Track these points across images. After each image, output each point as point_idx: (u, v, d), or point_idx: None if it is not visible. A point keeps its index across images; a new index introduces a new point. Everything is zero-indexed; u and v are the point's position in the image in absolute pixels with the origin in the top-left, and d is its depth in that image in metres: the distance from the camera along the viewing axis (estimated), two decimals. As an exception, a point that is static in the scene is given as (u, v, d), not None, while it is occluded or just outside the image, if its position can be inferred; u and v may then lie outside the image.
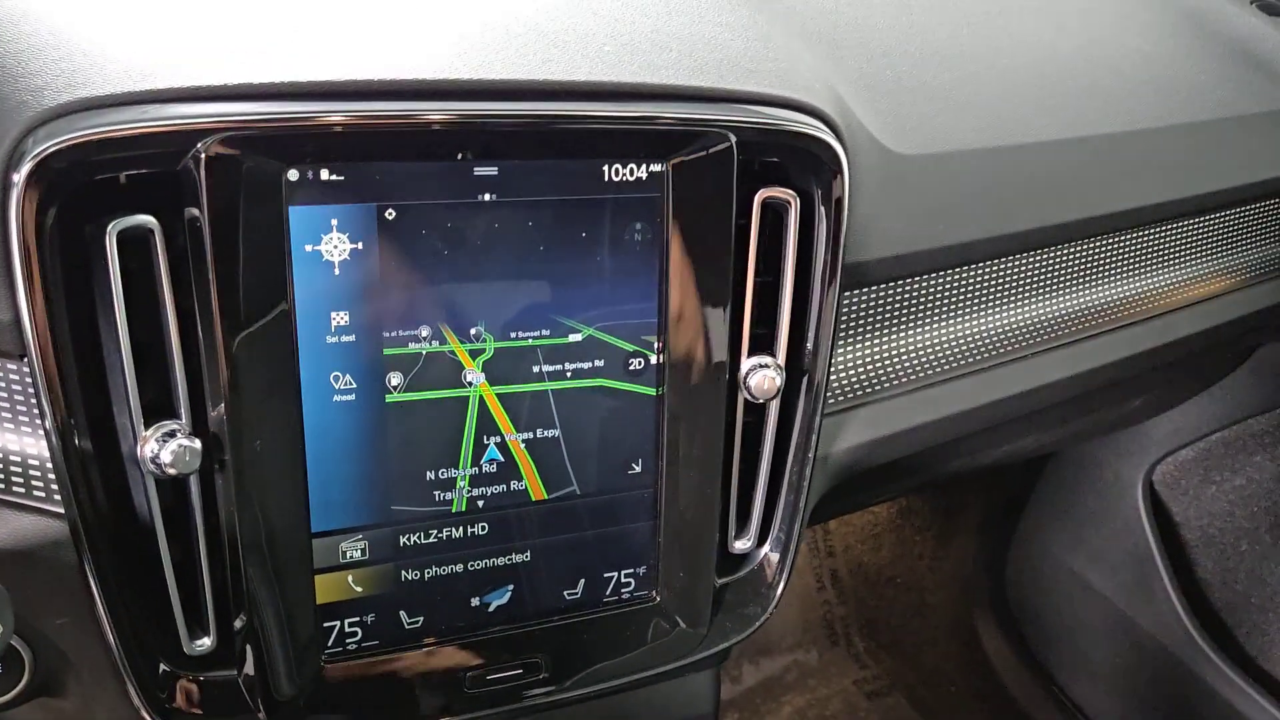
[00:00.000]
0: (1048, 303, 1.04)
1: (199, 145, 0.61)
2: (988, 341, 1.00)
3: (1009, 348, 1.01)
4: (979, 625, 1.95)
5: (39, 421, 0.65)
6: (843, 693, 1.93)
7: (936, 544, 1.99)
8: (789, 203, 0.79)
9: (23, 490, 0.67)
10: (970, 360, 0.99)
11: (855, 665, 1.99)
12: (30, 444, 0.66)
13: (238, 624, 0.72)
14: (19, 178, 0.60)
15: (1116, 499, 1.64)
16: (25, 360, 0.63)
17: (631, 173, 0.74)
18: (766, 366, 0.81)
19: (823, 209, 0.80)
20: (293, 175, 0.65)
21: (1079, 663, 1.77)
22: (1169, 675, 1.55)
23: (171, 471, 0.65)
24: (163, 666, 0.71)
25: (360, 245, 0.68)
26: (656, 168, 0.74)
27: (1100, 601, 1.67)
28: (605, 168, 0.73)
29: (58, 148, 0.60)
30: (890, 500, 1.95)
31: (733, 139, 0.74)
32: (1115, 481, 1.64)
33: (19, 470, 0.67)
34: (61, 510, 0.66)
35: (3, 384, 0.66)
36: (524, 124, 0.69)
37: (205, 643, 0.72)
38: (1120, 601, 1.63)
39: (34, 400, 0.65)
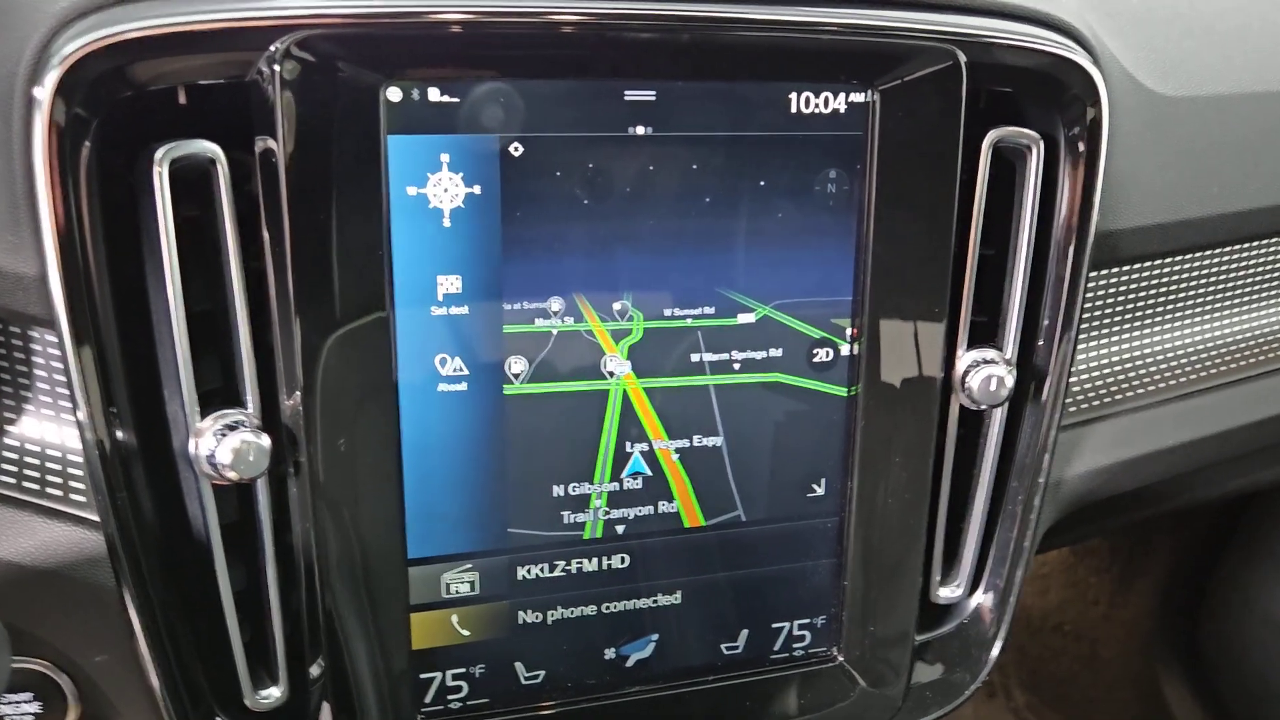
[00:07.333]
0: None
1: (274, 47, 0.55)
2: (1262, 342, 0.91)
3: (1287, 351, 0.94)
4: (1164, 683, 1.87)
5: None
6: (999, 751, 1.89)
7: (1115, 589, 1.93)
8: (1029, 148, 0.70)
9: (59, 493, 0.61)
10: (1238, 365, 0.90)
11: (1015, 721, 1.98)
12: (71, 435, 0.61)
13: (313, 672, 0.66)
14: (43, 92, 0.53)
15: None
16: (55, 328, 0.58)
17: (826, 103, 0.66)
18: (992, 363, 0.73)
19: (1070, 157, 0.72)
20: (393, 94, 0.58)
21: (1288, 732, 1.72)
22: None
23: (232, 475, 0.59)
24: (218, 720, 0.67)
25: (477, 189, 0.62)
26: (859, 97, 0.66)
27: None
28: (793, 95, 0.65)
29: (91, 49, 0.53)
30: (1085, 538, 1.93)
31: (961, 58, 0.66)
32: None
33: (56, 468, 0.61)
34: (99, 519, 0.60)
35: (39, 358, 0.61)
36: (689, 30, 0.61)
37: (273, 694, 0.67)
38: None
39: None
